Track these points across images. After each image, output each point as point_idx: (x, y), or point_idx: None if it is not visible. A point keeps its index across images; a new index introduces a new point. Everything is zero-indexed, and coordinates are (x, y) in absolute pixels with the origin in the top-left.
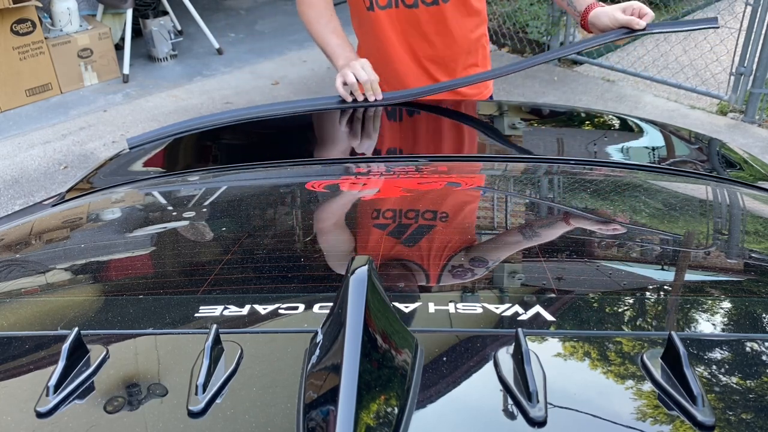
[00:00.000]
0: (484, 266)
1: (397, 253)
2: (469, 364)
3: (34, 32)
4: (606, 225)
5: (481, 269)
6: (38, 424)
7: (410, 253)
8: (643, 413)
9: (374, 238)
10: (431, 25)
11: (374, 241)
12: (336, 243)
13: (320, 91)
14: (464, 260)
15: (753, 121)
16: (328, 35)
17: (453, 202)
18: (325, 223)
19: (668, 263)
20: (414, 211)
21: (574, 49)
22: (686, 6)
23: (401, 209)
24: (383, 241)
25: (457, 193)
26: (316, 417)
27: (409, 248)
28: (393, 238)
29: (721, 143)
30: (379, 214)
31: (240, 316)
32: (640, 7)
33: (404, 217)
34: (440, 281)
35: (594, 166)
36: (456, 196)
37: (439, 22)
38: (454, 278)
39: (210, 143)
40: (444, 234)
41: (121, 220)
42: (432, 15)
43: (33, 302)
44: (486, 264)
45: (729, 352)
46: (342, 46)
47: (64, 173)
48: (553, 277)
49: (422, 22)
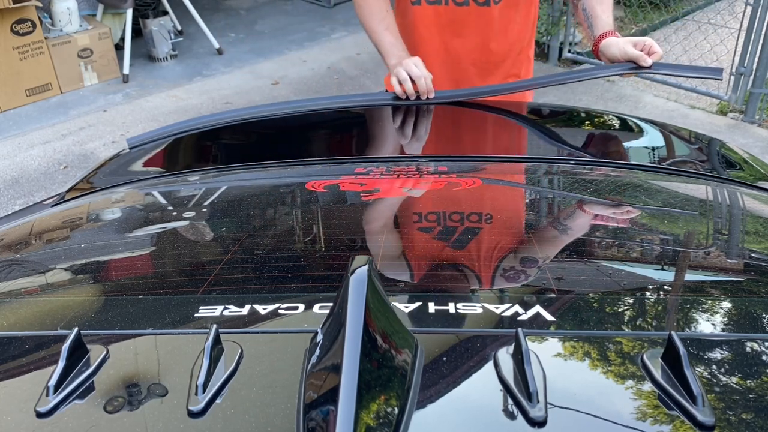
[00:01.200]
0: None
1: (397, 253)
2: (469, 364)
3: (34, 32)
4: (606, 225)
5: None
6: (38, 424)
7: (409, 253)
8: (643, 413)
9: (375, 238)
10: (479, 25)
11: (375, 241)
12: (336, 243)
13: (321, 91)
14: (464, 260)
15: (753, 121)
16: (382, 33)
17: (453, 202)
18: (324, 223)
19: (668, 263)
20: (414, 211)
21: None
22: (686, 6)
23: (401, 209)
24: (385, 241)
25: (457, 193)
26: (316, 417)
27: (408, 248)
28: (393, 237)
29: (721, 143)
30: (380, 214)
31: (240, 316)
32: (651, 44)
33: (403, 217)
34: (440, 281)
35: (593, 166)
36: (456, 196)
37: (487, 24)
38: (454, 278)
39: (210, 143)
40: (444, 234)
41: (121, 220)
42: (481, 15)
43: (33, 302)
44: (486, 264)
45: (729, 352)
46: (395, 44)
47: (64, 173)
48: (553, 277)
49: (470, 21)
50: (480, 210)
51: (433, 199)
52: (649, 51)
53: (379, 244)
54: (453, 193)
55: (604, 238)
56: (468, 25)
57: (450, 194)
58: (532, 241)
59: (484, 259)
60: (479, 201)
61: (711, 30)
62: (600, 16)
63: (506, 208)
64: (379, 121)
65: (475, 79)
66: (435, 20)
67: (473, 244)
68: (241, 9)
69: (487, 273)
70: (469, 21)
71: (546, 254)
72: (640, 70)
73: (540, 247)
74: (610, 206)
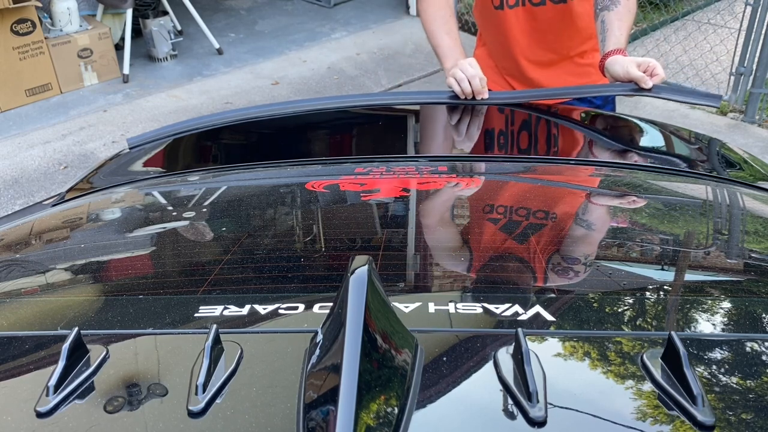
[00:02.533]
0: (484, 266)
1: (397, 253)
2: (469, 364)
3: (34, 32)
4: (605, 224)
5: (482, 269)
6: (38, 424)
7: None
8: (643, 413)
9: (375, 238)
10: (557, 22)
11: (376, 241)
12: (336, 243)
13: (321, 91)
14: (465, 260)
15: (753, 121)
16: (442, 36)
17: (452, 202)
18: (324, 223)
19: (668, 263)
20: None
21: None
22: (686, 6)
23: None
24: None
25: (455, 193)
26: (316, 417)
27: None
28: (395, 237)
29: (721, 143)
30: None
31: (240, 316)
32: (655, 65)
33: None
34: (440, 281)
35: (593, 166)
36: (454, 196)
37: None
38: (454, 278)
39: (210, 143)
40: (445, 234)
41: (121, 220)
42: (558, 12)
43: (33, 302)
44: (486, 264)
45: (729, 352)
46: (453, 48)
47: (64, 173)
48: (553, 277)
49: (546, 19)
50: (480, 210)
51: (433, 199)
52: (652, 72)
53: (380, 244)
54: (453, 193)
55: (604, 238)
56: (547, 23)
57: (450, 194)
58: (532, 241)
59: (483, 259)
60: (478, 201)
61: (711, 30)
62: (614, 32)
63: (507, 208)
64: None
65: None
66: (516, 22)
67: (473, 244)
68: (241, 9)
69: (487, 273)
70: (548, 19)
71: (546, 254)
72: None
73: (540, 247)
74: (610, 206)
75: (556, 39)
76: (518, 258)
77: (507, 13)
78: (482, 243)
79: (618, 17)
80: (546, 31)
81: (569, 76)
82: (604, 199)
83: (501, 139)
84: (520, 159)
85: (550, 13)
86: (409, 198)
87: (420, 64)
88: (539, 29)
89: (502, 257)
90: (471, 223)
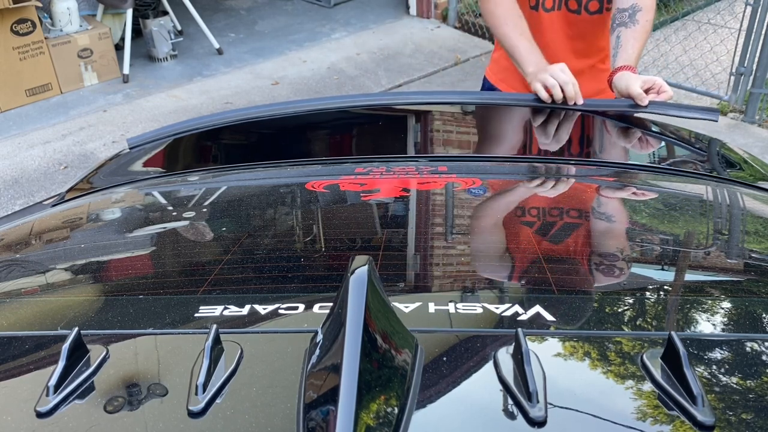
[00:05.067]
0: (484, 266)
1: (397, 253)
2: (469, 364)
3: (34, 32)
4: (605, 225)
5: (482, 269)
6: (38, 424)
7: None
8: (643, 413)
9: (375, 238)
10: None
11: (376, 241)
12: (336, 243)
13: (321, 91)
14: (464, 260)
15: (753, 121)
16: (518, 38)
17: (451, 202)
18: (324, 223)
19: (668, 263)
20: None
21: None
22: (686, 6)
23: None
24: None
25: (455, 193)
26: (316, 417)
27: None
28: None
29: (721, 143)
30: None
31: (240, 316)
32: (661, 84)
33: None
34: (440, 281)
35: (593, 166)
36: (454, 196)
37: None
38: (454, 278)
39: (210, 143)
40: (444, 235)
41: (121, 220)
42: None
43: (33, 302)
44: (486, 263)
45: (729, 352)
46: (531, 50)
47: (64, 173)
48: (553, 277)
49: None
50: (480, 210)
51: (433, 199)
52: (659, 90)
53: (380, 244)
54: (453, 193)
55: (603, 238)
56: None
57: (450, 194)
58: (532, 241)
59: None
60: (478, 201)
61: (711, 30)
62: (627, 49)
63: (506, 208)
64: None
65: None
66: (550, 25)
67: (472, 244)
68: (241, 9)
69: (487, 273)
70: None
71: (546, 254)
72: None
73: (540, 247)
74: (610, 207)
75: (586, 46)
76: (518, 258)
77: (542, 16)
78: (482, 243)
79: (634, 36)
80: (577, 37)
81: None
82: (603, 198)
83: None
84: (520, 159)
85: (585, 21)
86: (409, 198)
87: (420, 64)
88: (572, 35)
89: (502, 257)
90: (471, 223)
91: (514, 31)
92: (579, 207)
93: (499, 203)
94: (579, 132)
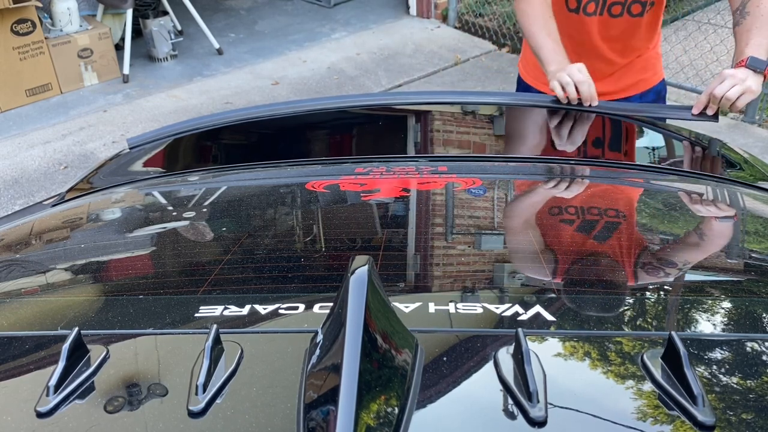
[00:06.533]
0: (484, 266)
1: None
2: (469, 364)
3: (34, 32)
4: (606, 225)
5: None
6: (38, 424)
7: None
8: (643, 413)
9: (375, 238)
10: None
11: (376, 241)
12: (336, 243)
13: (321, 91)
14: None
15: (753, 121)
16: (544, 38)
17: (452, 202)
18: (324, 223)
19: (668, 263)
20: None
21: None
22: (686, 6)
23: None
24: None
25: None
26: (316, 417)
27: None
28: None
29: (721, 143)
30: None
31: (240, 316)
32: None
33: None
34: (440, 281)
35: (593, 166)
36: (454, 196)
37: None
38: (454, 278)
39: (210, 143)
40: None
41: (121, 220)
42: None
43: (33, 302)
44: (486, 263)
45: (729, 352)
46: (556, 50)
47: (64, 173)
48: (553, 277)
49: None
50: (480, 210)
51: (433, 198)
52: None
53: (380, 244)
54: (453, 193)
55: (604, 238)
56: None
57: (450, 194)
58: (532, 241)
59: (483, 259)
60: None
61: (711, 30)
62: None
63: (506, 208)
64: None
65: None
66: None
67: (472, 244)
68: (241, 9)
69: (487, 273)
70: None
71: (546, 254)
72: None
73: (540, 247)
74: (610, 207)
75: (623, 46)
76: (518, 258)
77: (583, 19)
78: (482, 243)
79: (746, 29)
80: (616, 39)
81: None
82: (602, 198)
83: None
84: (520, 159)
85: (625, 23)
86: (409, 198)
87: (420, 64)
88: (610, 37)
89: (502, 257)
90: (471, 223)
91: (542, 32)
92: (579, 207)
93: (499, 203)
94: (580, 132)
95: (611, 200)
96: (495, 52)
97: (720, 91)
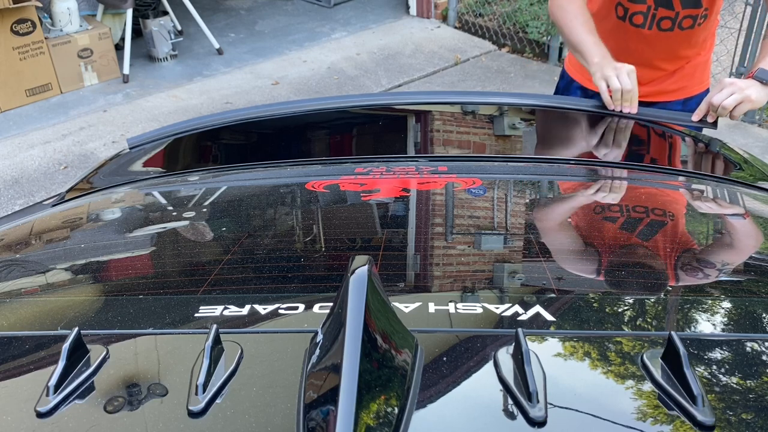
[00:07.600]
0: (484, 266)
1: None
2: (469, 364)
3: (34, 32)
4: (606, 225)
5: (481, 269)
6: (38, 424)
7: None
8: (643, 413)
9: (375, 238)
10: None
11: (376, 241)
12: (336, 243)
13: (321, 91)
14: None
15: (753, 121)
16: (585, 33)
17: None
18: (324, 223)
19: (668, 263)
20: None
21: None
22: None
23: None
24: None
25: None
26: (316, 417)
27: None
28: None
29: (721, 143)
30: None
31: (240, 316)
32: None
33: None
34: (440, 281)
35: (593, 166)
36: (454, 196)
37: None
38: (454, 278)
39: (210, 143)
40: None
41: (121, 220)
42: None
43: (33, 302)
44: (486, 263)
45: (729, 352)
46: (598, 44)
47: (64, 173)
48: (553, 277)
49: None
50: (480, 210)
51: (433, 198)
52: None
53: (380, 244)
54: (453, 193)
55: (604, 238)
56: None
57: (450, 194)
58: (532, 241)
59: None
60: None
61: None
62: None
63: (506, 208)
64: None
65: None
66: (642, 39)
67: (472, 244)
68: (241, 9)
69: (487, 273)
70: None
71: (546, 254)
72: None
73: (540, 247)
74: (610, 206)
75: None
76: (518, 258)
77: (629, 29)
78: (482, 243)
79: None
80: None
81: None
82: (602, 199)
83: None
84: (520, 159)
85: (675, 37)
86: (409, 198)
87: (420, 64)
88: (658, 48)
89: (504, 257)
90: (471, 223)
91: (584, 27)
92: (578, 207)
93: (498, 203)
94: (581, 132)
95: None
96: (495, 52)
97: (717, 100)
